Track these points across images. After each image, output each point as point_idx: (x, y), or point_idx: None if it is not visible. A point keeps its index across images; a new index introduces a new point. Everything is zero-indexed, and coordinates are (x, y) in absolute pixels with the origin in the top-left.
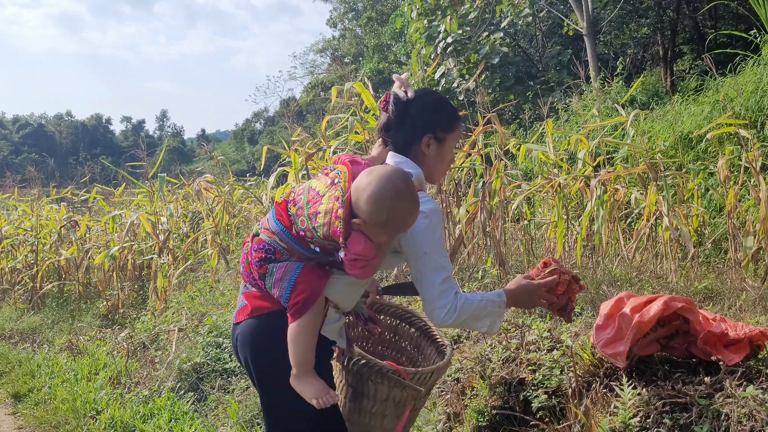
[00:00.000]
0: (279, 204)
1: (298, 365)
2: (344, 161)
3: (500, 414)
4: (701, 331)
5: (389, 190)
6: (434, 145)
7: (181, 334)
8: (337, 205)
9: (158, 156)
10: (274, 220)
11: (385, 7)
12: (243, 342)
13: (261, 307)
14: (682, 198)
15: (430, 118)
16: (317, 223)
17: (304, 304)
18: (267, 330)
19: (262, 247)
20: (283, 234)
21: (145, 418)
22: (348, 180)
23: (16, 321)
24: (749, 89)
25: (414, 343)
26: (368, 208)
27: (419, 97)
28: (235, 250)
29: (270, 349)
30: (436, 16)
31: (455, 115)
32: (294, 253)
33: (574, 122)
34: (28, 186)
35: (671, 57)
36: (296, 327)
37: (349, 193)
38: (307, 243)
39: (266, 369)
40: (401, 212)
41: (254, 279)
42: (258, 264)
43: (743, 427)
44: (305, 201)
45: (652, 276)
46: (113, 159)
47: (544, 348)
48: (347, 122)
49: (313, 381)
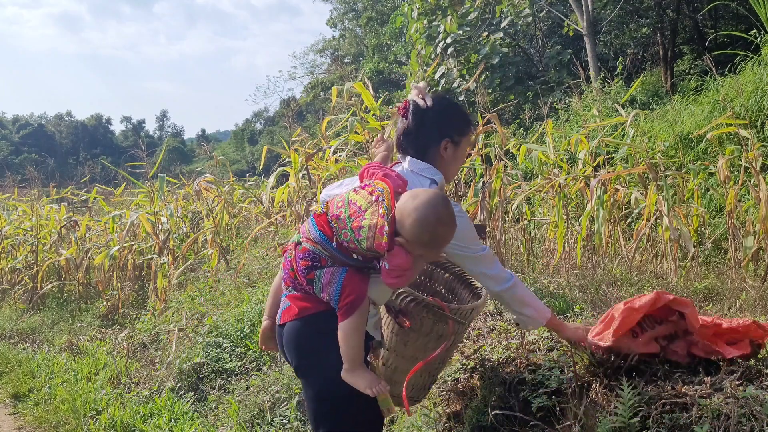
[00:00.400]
0: (319, 216)
1: (349, 360)
2: (382, 178)
3: (500, 414)
4: (698, 326)
5: (433, 216)
6: (451, 149)
7: (181, 334)
8: (381, 222)
9: (158, 156)
10: (316, 230)
11: (385, 7)
12: (289, 341)
13: (306, 308)
14: (682, 198)
15: (447, 124)
16: (361, 236)
17: (353, 305)
18: (312, 330)
19: (308, 256)
20: (326, 244)
21: (145, 418)
22: (391, 198)
23: (16, 321)
24: (749, 89)
25: (448, 287)
26: (413, 230)
27: (436, 103)
28: (235, 250)
29: (314, 348)
30: (436, 16)
31: (468, 119)
32: (336, 261)
33: (574, 122)
34: (28, 186)
35: (671, 57)
36: (346, 326)
37: (393, 212)
38: (349, 253)
39: (312, 365)
40: (443, 235)
41: (300, 284)
42: (305, 271)
43: (743, 427)
44: (347, 215)
45: (652, 276)
46: (113, 159)
47: (544, 348)
48: (347, 122)
49: (365, 373)
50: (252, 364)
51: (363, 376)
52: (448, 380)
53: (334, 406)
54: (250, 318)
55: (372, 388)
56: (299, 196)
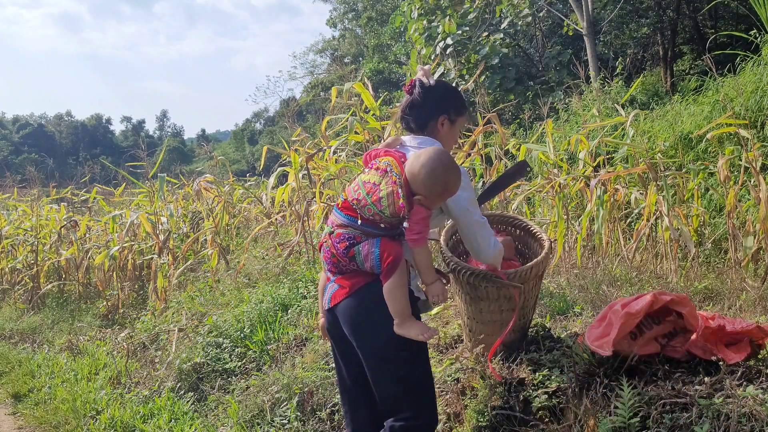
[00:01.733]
0: (342, 204)
1: (398, 314)
2: (384, 154)
3: (500, 414)
4: (697, 325)
5: (440, 166)
6: (447, 125)
7: (181, 334)
8: (395, 188)
9: (158, 156)
10: (343, 216)
11: (385, 7)
12: (345, 317)
13: (355, 283)
14: (682, 198)
15: (447, 102)
16: (383, 206)
17: (393, 265)
18: (365, 300)
19: (343, 238)
20: (354, 223)
21: (145, 418)
22: (399, 165)
23: (16, 321)
24: (749, 89)
25: (522, 241)
26: (427, 183)
27: (438, 85)
28: (235, 250)
29: (370, 316)
30: (435, 16)
31: (465, 103)
32: (369, 234)
33: (574, 122)
34: (28, 186)
35: (671, 57)
36: (390, 284)
37: (404, 176)
38: (377, 224)
39: (370, 332)
40: (453, 179)
41: (344, 266)
42: (345, 251)
43: (743, 427)
44: (365, 193)
45: (652, 276)
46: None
47: (544, 348)
48: (347, 122)
49: (414, 323)
50: (252, 364)
51: (413, 326)
52: (448, 380)
53: (397, 362)
54: (250, 318)
55: (423, 334)
56: (299, 196)
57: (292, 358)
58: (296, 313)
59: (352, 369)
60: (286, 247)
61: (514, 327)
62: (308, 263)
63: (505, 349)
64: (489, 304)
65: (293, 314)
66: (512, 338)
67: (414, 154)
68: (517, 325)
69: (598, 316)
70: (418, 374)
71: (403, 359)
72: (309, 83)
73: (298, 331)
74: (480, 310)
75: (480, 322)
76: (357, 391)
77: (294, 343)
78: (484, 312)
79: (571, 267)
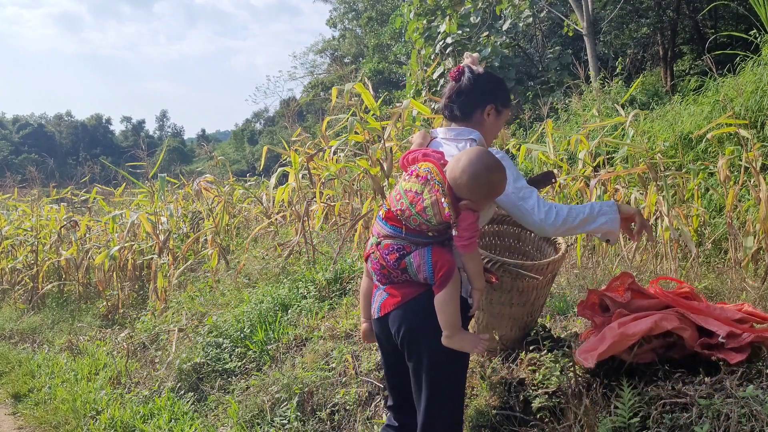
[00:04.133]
0: (386, 215)
1: (449, 327)
2: (423, 159)
3: (500, 414)
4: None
5: (482, 167)
6: (493, 115)
7: (181, 334)
8: (439, 196)
9: (158, 156)
10: (389, 227)
11: (385, 7)
12: (396, 327)
13: (407, 293)
14: (682, 198)
15: (495, 92)
16: (428, 215)
17: (447, 276)
18: (416, 311)
19: (392, 249)
20: (400, 234)
21: (145, 418)
22: (440, 172)
23: (16, 321)
24: (749, 89)
25: (536, 246)
26: (471, 187)
27: (487, 73)
28: (235, 250)
29: (421, 327)
30: (435, 17)
31: (511, 96)
32: (418, 244)
33: (574, 122)
34: (28, 186)
35: (671, 57)
36: (443, 296)
37: (446, 182)
38: (423, 233)
39: (421, 343)
40: (497, 179)
41: (395, 277)
42: (396, 263)
43: (743, 427)
44: (408, 203)
45: (652, 276)
46: (113, 159)
47: (544, 348)
48: (347, 122)
49: (466, 335)
50: (252, 364)
51: (466, 338)
52: None
53: (445, 375)
54: (250, 318)
55: (477, 347)
56: (299, 196)
57: (292, 358)
58: (296, 313)
59: (401, 378)
60: (286, 247)
61: (519, 324)
62: (308, 263)
63: (505, 349)
64: (501, 295)
65: (293, 314)
66: (517, 336)
67: (454, 158)
68: (523, 322)
69: (599, 321)
70: (457, 391)
71: (446, 375)
72: (309, 83)
73: (298, 331)
74: (491, 300)
75: (489, 314)
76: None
77: (294, 343)
78: (494, 303)
79: (571, 267)
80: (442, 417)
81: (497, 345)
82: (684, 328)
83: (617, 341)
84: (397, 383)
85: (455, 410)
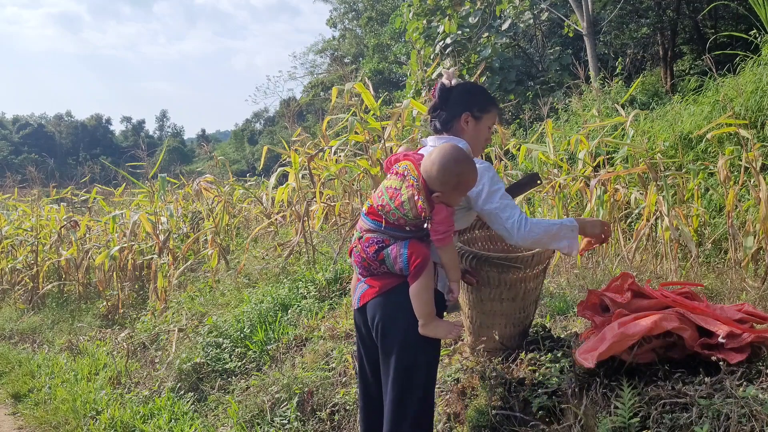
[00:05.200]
0: (368, 210)
1: (424, 315)
2: (404, 158)
3: (500, 414)
4: (695, 345)
5: (450, 160)
6: (472, 123)
7: (181, 334)
8: (413, 191)
9: (158, 156)
10: (369, 221)
11: (385, 7)
12: (373, 315)
13: (386, 284)
14: (682, 198)
15: (468, 100)
16: (405, 210)
17: (420, 267)
18: (393, 300)
19: (372, 242)
20: (380, 228)
21: (145, 418)
22: (416, 168)
23: (16, 321)
24: (749, 89)
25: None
26: (441, 179)
27: (461, 84)
28: (235, 251)
29: (396, 316)
30: (435, 17)
31: (490, 99)
32: (396, 237)
33: (574, 122)
34: (28, 186)
35: (671, 57)
36: (417, 286)
37: (421, 178)
38: (402, 227)
39: (396, 331)
40: (466, 171)
41: (374, 268)
42: (375, 255)
43: (743, 427)
44: (388, 199)
45: (652, 276)
46: (113, 159)
47: (544, 348)
48: (347, 122)
49: (440, 322)
50: (252, 364)
51: (439, 326)
52: (448, 380)
53: (415, 359)
54: (250, 318)
55: (451, 332)
56: (299, 196)
57: (292, 358)
58: (296, 313)
59: (374, 369)
60: (286, 247)
61: (512, 321)
62: (308, 263)
63: (505, 349)
64: (490, 291)
65: (293, 314)
66: (512, 333)
67: (427, 155)
68: (516, 318)
69: (599, 321)
70: (427, 381)
71: (416, 360)
72: (309, 83)
73: (298, 331)
74: (481, 298)
75: (481, 312)
76: (376, 391)
77: (294, 343)
78: (485, 300)
79: (571, 267)
80: (412, 401)
81: (497, 345)
82: (684, 328)
83: (617, 341)
84: (371, 383)
85: (425, 395)
